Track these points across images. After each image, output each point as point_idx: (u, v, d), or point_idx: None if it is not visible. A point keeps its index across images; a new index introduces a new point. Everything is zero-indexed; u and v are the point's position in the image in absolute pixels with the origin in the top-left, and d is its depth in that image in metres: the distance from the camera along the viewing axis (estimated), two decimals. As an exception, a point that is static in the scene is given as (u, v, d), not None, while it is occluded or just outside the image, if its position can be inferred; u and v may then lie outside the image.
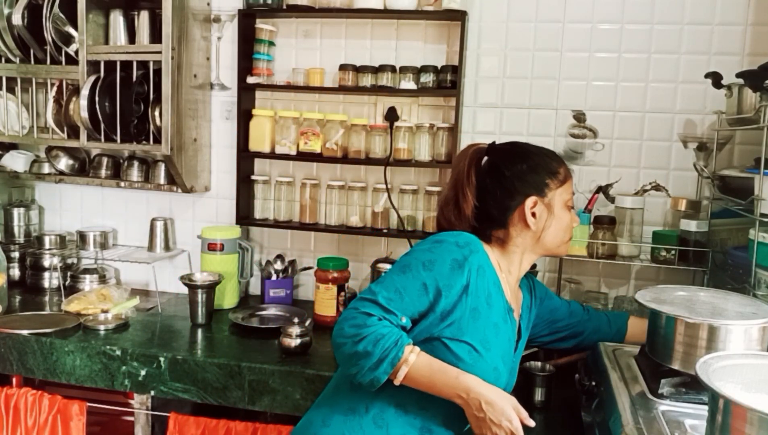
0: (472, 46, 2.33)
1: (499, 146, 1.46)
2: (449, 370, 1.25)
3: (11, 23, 2.39)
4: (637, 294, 1.50)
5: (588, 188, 2.27)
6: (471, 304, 1.30)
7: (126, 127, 2.35)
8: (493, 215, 1.41)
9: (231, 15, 2.45)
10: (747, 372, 1.08)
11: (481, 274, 1.33)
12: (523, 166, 1.41)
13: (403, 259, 1.34)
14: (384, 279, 1.31)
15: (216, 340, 2.12)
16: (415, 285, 1.28)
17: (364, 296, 1.29)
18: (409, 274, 1.29)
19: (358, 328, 1.23)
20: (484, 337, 1.31)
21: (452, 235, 1.37)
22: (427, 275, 1.28)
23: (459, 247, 1.33)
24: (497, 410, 1.23)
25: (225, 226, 2.52)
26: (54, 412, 2.02)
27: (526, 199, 1.40)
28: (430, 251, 1.32)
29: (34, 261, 2.59)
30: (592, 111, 2.27)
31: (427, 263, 1.30)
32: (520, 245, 1.43)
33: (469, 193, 1.41)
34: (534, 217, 1.40)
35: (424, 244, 1.35)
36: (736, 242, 1.99)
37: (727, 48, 2.14)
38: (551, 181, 1.42)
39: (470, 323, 1.30)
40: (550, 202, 1.41)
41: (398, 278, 1.29)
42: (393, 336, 1.22)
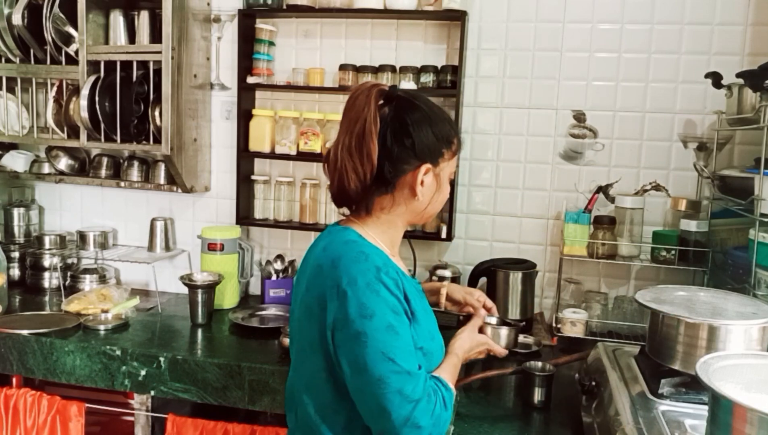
0: (472, 46, 2.33)
1: (403, 96, 1.30)
2: (452, 361, 1.35)
3: (11, 23, 2.39)
4: (637, 294, 1.49)
5: (588, 188, 2.27)
6: (411, 311, 1.24)
7: (126, 127, 2.35)
8: (385, 178, 1.25)
9: (231, 15, 2.45)
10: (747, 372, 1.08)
11: (402, 277, 1.25)
12: (428, 130, 1.26)
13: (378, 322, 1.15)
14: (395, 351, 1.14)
15: (216, 340, 2.12)
16: (408, 334, 1.19)
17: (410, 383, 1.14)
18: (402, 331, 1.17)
19: (432, 413, 1.16)
20: (428, 331, 1.28)
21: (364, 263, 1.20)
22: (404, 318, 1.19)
23: (387, 273, 1.19)
24: (473, 348, 1.44)
25: (225, 226, 2.52)
26: (53, 413, 2.02)
27: (421, 166, 1.26)
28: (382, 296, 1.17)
29: (34, 261, 2.59)
30: (592, 111, 2.27)
31: (395, 308, 1.18)
32: (401, 215, 1.31)
33: (376, 140, 1.23)
34: (422, 186, 1.27)
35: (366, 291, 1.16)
36: (736, 242, 1.99)
37: (727, 48, 2.14)
38: (446, 151, 1.30)
39: (417, 329, 1.24)
40: (440, 173, 1.30)
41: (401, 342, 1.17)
42: (441, 388, 1.22)
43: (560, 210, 2.30)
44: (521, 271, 2.18)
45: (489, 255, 2.35)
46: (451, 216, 2.30)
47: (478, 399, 1.71)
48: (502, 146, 2.35)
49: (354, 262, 1.20)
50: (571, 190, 2.30)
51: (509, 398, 1.76)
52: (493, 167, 2.37)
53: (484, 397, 1.73)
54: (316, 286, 1.22)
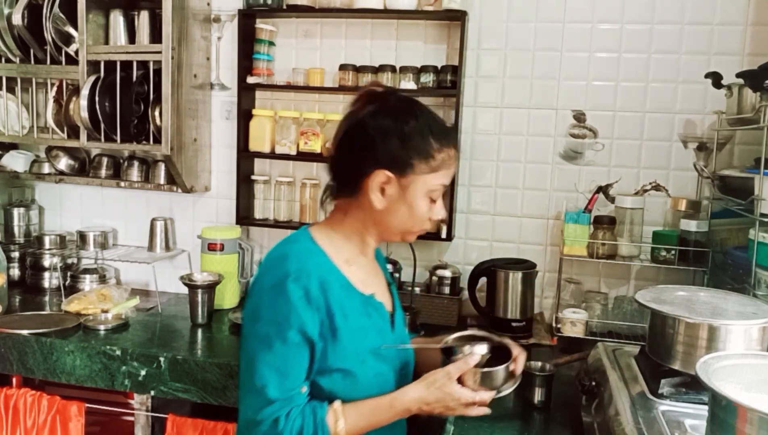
0: (472, 46, 2.32)
1: (386, 97, 1.22)
2: (382, 403, 1.18)
3: (11, 23, 2.39)
4: (637, 294, 1.49)
5: (588, 188, 2.27)
6: (328, 328, 1.15)
7: (126, 127, 2.35)
8: (343, 177, 1.22)
9: (231, 15, 2.44)
10: (747, 372, 1.08)
11: (324, 290, 1.15)
12: (392, 132, 1.16)
13: (256, 329, 1.13)
14: (256, 366, 1.11)
15: (216, 340, 2.12)
16: (290, 352, 1.12)
17: (257, 403, 1.12)
18: (277, 346, 1.11)
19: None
20: (354, 352, 1.19)
21: (279, 262, 1.16)
22: (293, 334, 1.11)
23: (296, 280, 1.12)
24: (442, 404, 1.19)
25: (225, 226, 2.52)
26: (53, 413, 2.02)
27: (377, 171, 1.17)
28: (278, 303, 1.12)
29: (34, 261, 2.59)
30: (592, 111, 2.27)
31: (282, 321, 1.11)
32: (362, 221, 1.24)
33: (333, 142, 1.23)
34: (382, 195, 1.19)
35: (264, 297, 1.14)
36: (736, 242, 1.99)
37: (727, 48, 2.14)
38: (419, 163, 1.18)
39: (333, 348, 1.16)
40: (408, 185, 1.18)
41: (270, 357, 1.11)
42: (309, 420, 1.12)
43: (560, 210, 2.30)
44: (521, 271, 2.18)
45: (489, 255, 2.35)
46: (451, 216, 2.30)
47: (478, 399, 1.71)
48: (502, 146, 2.35)
49: (272, 263, 1.18)
50: (571, 190, 2.30)
51: (509, 398, 1.75)
52: (493, 167, 2.37)
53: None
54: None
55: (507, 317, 2.17)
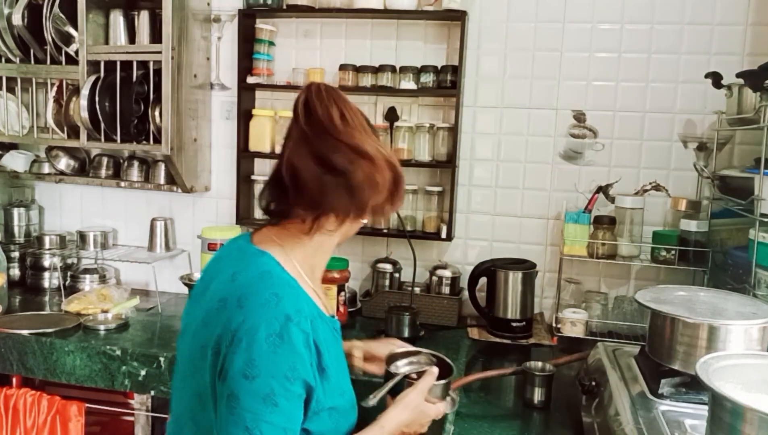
0: (472, 46, 2.32)
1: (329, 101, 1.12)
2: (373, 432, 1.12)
3: (11, 23, 2.39)
4: (637, 294, 1.49)
5: (588, 188, 2.27)
6: (320, 368, 1.06)
7: (126, 127, 2.34)
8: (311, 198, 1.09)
9: (231, 15, 2.44)
10: (747, 372, 1.08)
11: (315, 327, 1.06)
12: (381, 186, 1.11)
13: (258, 386, 0.97)
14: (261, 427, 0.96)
15: (216, 340, 2.12)
16: (293, 404, 1.00)
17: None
18: (281, 401, 0.98)
19: None
20: (338, 386, 1.12)
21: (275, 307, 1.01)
22: (298, 385, 1.00)
23: (297, 323, 1.01)
24: (418, 422, 1.19)
25: (225, 226, 2.51)
26: (53, 413, 2.02)
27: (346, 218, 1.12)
28: (281, 354, 0.99)
29: (34, 261, 2.59)
30: (592, 111, 2.27)
31: (289, 374, 0.99)
32: (325, 242, 1.16)
33: None
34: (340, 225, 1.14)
35: (262, 346, 0.98)
36: (736, 242, 1.98)
37: (727, 48, 2.14)
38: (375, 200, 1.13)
39: (322, 387, 1.07)
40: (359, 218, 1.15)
41: (275, 416, 0.97)
42: None
43: (560, 210, 2.30)
44: (521, 271, 2.18)
45: (489, 255, 2.35)
46: (451, 216, 2.30)
47: (478, 399, 1.71)
48: (502, 146, 2.35)
49: (261, 307, 1.01)
50: (571, 190, 2.30)
51: (509, 398, 1.76)
52: (493, 167, 2.37)
53: (484, 397, 1.73)
54: (216, 324, 1.03)
55: (507, 317, 2.17)
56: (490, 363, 2.01)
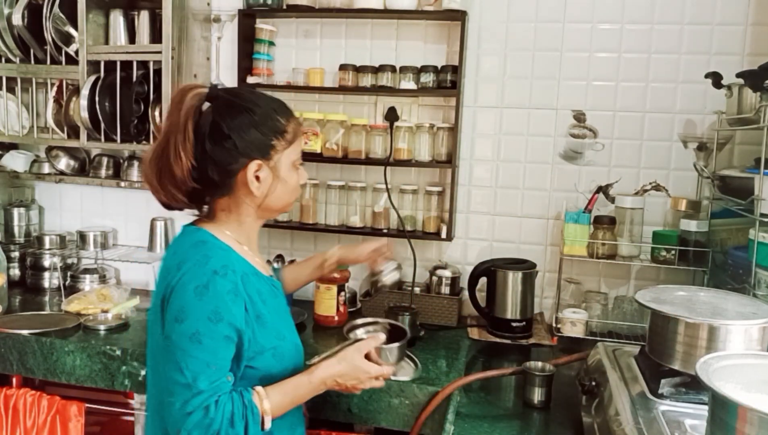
0: (472, 46, 2.33)
1: (222, 94, 1.28)
2: (300, 380, 1.27)
3: (11, 23, 2.39)
4: (637, 294, 1.49)
5: (588, 188, 2.27)
6: (254, 316, 1.25)
7: (126, 127, 2.35)
8: (214, 180, 1.25)
9: (231, 15, 2.45)
10: (747, 372, 1.08)
11: (247, 281, 1.25)
12: (247, 124, 1.24)
13: (184, 328, 1.16)
14: (185, 361, 1.15)
15: (216, 340, 2.12)
16: (220, 344, 1.17)
17: (186, 396, 1.14)
18: (206, 340, 1.16)
19: (207, 427, 1.14)
20: (276, 331, 1.30)
21: (201, 263, 1.20)
22: (223, 326, 1.17)
23: (223, 275, 1.19)
24: (353, 376, 1.30)
25: (225, 226, 2.51)
26: (53, 413, 2.02)
27: (249, 163, 1.25)
28: (206, 301, 1.17)
29: (34, 261, 2.59)
30: (592, 111, 2.27)
31: (213, 316, 1.16)
32: (250, 213, 1.32)
33: (183, 152, 1.21)
34: (258, 181, 1.27)
35: (190, 296, 1.17)
36: (736, 242, 1.99)
37: (727, 48, 2.14)
38: (278, 142, 1.28)
39: (262, 331, 1.25)
40: (276, 165, 1.28)
41: (199, 351, 1.15)
42: (238, 403, 1.17)
43: (560, 210, 2.30)
44: (521, 271, 2.18)
45: (489, 255, 2.35)
46: (451, 216, 2.30)
47: (478, 399, 1.71)
48: (502, 146, 2.35)
49: (194, 266, 1.20)
50: (571, 190, 2.30)
51: (509, 398, 1.76)
52: (493, 167, 2.37)
53: (484, 397, 1.73)
54: (162, 287, 1.23)
55: (507, 317, 2.17)
56: (490, 363, 2.01)
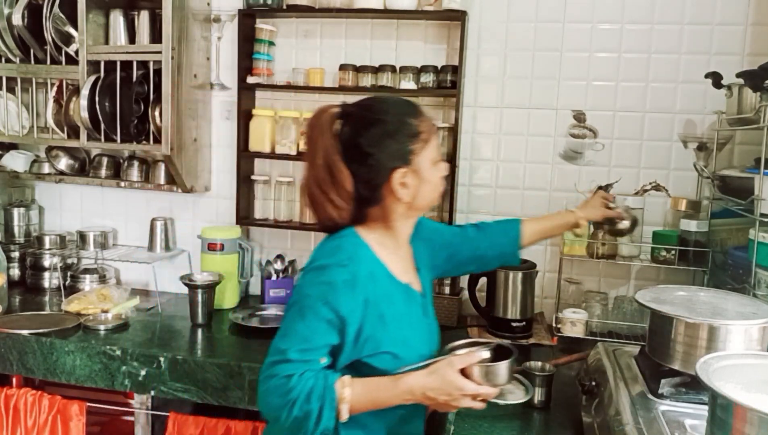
0: (472, 46, 2.33)
1: (352, 111, 1.30)
2: (385, 382, 1.24)
3: (11, 23, 2.39)
4: (637, 294, 1.49)
5: (588, 188, 2.26)
6: (375, 314, 1.26)
7: (126, 127, 2.35)
8: (363, 195, 1.30)
9: (231, 15, 2.45)
10: (747, 372, 1.08)
11: (374, 279, 1.28)
12: (386, 140, 1.27)
13: (296, 300, 1.25)
14: (287, 331, 1.23)
15: (216, 340, 2.12)
16: (320, 325, 1.21)
17: (276, 359, 1.21)
18: (309, 316, 1.21)
19: (285, 394, 1.17)
20: (402, 337, 1.30)
21: (331, 253, 1.28)
22: (327, 309, 1.21)
23: (344, 266, 1.25)
24: (444, 392, 1.22)
25: (225, 226, 2.52)
26: (54, 413, 2.02)
27: (393, 173, 1.28)
28: (320, 282, 1.24)
29: (34, 261, 2.59)
30: (592, 111, 2.27)
31: (321, 297, 1.22)
32: (401, 217, 1.35)
33: (344, 168, 1.27)
34: (405, 187, 1.29)
35: (310, 275, 1.26)
36: (736, 242, 1.99)
37: (727, 48, 2.14)
38: (415, 146, 1.29)
39: (382, 332, 1.26)
40: (418, 168, 1.30)
41: (300, 325, 1.22)
42: (320, 382, 1.19)
43: (560, 209, 2.30)
44: (521, 271, 2.17)
45: (489, 255, 2.34)
46: (451, 216, 2.30)
47: (478, 399, 1.71)
48: (502, 146, 2.35)
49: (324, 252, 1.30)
50: (571, 190, 2.30)
51: (510, 398, 1.76)
52: (493, 167, 2.37)
53: (484, 397, 1.73)
54: None
55: (507, 317, 2.17)
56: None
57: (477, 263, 1.64)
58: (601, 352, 1.66)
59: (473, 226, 1.64)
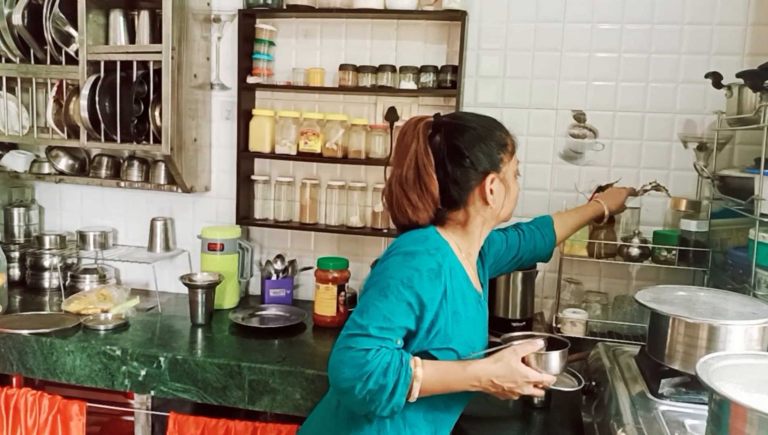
0: (472, 46, 2.33)
1: (447, 121, 1.38)
2: (455, 366, 1.28)
3: (11, 23, 2.39)
4: (637, 294, 1.50)
5: (588, 188, 2.27)
6: (451, 309, 1.29)
7: (126, 127, 2.35)
8: (453, 197, 1.35)
9: (231, 15, 2.45)
10: (747, 372, 1.08)
11: (454, 275, 1.32)
12: (480, 143, 1.35)
13: (380, 280, 1.27)
14: (368, 307, 1.24)
15: (216, 340, 2.12)
16: (401, 306, 1.23)
17: (354, 332, 1.22)
18: (392, 297, 1.23)
19: (362, 366, 1.17)
20: (468, 338, 1.32)
21: (419, 241, 1.31)
22: (410, 293, 1.24)
23: (431, 254, 1.28)
24: (510, 379, 1.28)
25: (225, 226, 2.52)
26: (54, 413, 2.02)
27: (485, 178, 1.35)
28: (406, 266, 1.26)
29: (34, 261, 2.59)
30: (592, 111, 2.27)
31: (405, 280, 1.24)
32: (479, 224, 1.39)
33: (433, 173, 1.32)
34: (492, 193, 1.36)
35: (397, 258, 1.28)
36: (736, 242, 1.99)
37: (727, 48, 2.14)
38: (504, 155, 1.38)
39: (454, 328, 1.29)
40: (504, 177, 1.38)
41: (382, 304, 1.23)
42: (396, 358, 1.20)
43: (560, 210, 2.30)
44: (521, 271, 2.17)
45: (489, 255, 2.35)
46: (451, 216, 2.30)
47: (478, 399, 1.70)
48: (502, 146, 2.35)
49: (411, 241, 1.31)
50: (571, 190, 2.30)
51: (509, 398, 1.76)
52: (493, 167, 2.37)
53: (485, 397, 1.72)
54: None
55: (507, 317, 2.17)
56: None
57: (513, 265, 1.72)
58: (601, 352, 1.66)
59: (514, 231, 1.72)
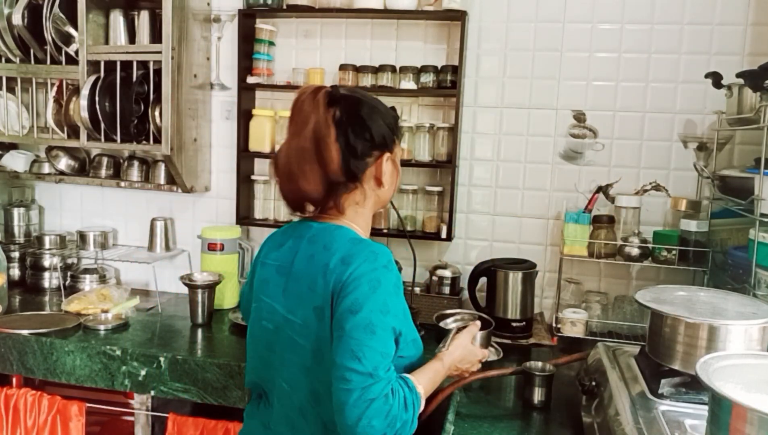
0: (472, 46, 2.33)
1: (347, 93, 1.31)
2: (435, 366, 1.36)
3: (11, 23, 2.39)
4: (637, 294, 1.50)
5: (588, 188, 2.27)
6: (403, 306, 1.29)
7: (126, 127, 2.35)
8: (351, 169, 1.28)
9: (231, 15, 2.45)
10: (747, 372, 1.08)
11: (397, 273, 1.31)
12: (379, 119, 1.31)
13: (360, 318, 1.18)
14: (362, 351, 1.16)
15: (216, 340, 2.12)
16: (388, 335, 1.21)
17: (367, 383, 1.14)
18: (378, 331, 1.18)
19: (388, 413, 1.14)
20: (412, 328, 1.34)
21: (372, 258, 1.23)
22: (390, 318, 1.21)
23: (389, 270, 1.24)
24: (468, 360, 1.47)
25: (225, 226, 2.52)
26: (53, 413, 2.02)
27: (381, 156, 1.31)
28: (377, 293, 1.20)
29: (34, 261, 2.59)
30: (592, 111, 2.27)
31: (383, 308, 1.20)
32: (371, 205, 1.36)
33: (332, 143, 1.25)
34: (385, 175, 1.33)
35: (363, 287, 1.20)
36: (736, 242, 1.99)
37: (727, 48, 2.14)
38: (395, 136, 1.36)
39: (406, 321, 1.30)
40: (395, 159, 1.35)
41: (374, 342, 1.17)
42: (405, 389, 1.21)
43: (560, 210, 2.30)
44: (521, 271, 2.17)
45: (489, 255, 2.35)
46: (451, 216, 2.30)
47: (478, 399, 1.71)
48: (502, 146, 2.35)
49: (364, 261, 1.22)
50: (571, 190, 2.30)
51: (509, 398, 1.76)
52: (493, 167, 2.37)
53: (484, 397, 1.73)
54: (327, 284, 1.23)
55: (507, 317, 2.17)
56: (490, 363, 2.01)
57: None
58: (601, 352, 1.66)
59: None
